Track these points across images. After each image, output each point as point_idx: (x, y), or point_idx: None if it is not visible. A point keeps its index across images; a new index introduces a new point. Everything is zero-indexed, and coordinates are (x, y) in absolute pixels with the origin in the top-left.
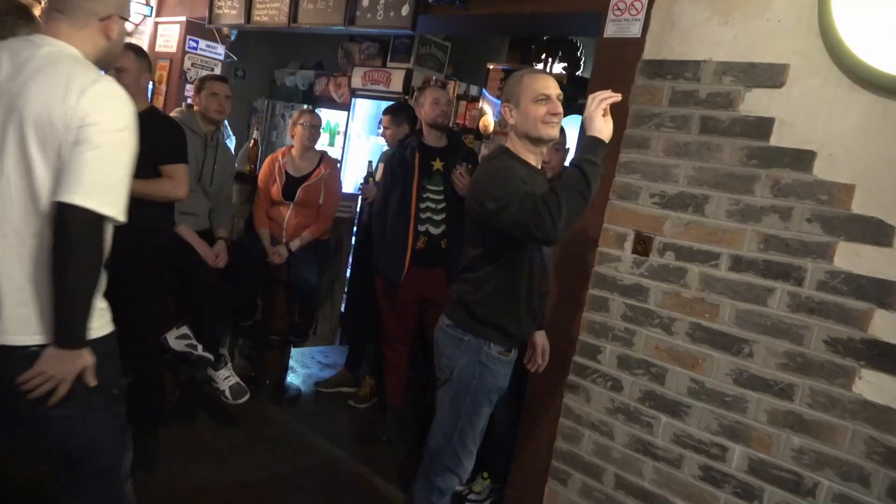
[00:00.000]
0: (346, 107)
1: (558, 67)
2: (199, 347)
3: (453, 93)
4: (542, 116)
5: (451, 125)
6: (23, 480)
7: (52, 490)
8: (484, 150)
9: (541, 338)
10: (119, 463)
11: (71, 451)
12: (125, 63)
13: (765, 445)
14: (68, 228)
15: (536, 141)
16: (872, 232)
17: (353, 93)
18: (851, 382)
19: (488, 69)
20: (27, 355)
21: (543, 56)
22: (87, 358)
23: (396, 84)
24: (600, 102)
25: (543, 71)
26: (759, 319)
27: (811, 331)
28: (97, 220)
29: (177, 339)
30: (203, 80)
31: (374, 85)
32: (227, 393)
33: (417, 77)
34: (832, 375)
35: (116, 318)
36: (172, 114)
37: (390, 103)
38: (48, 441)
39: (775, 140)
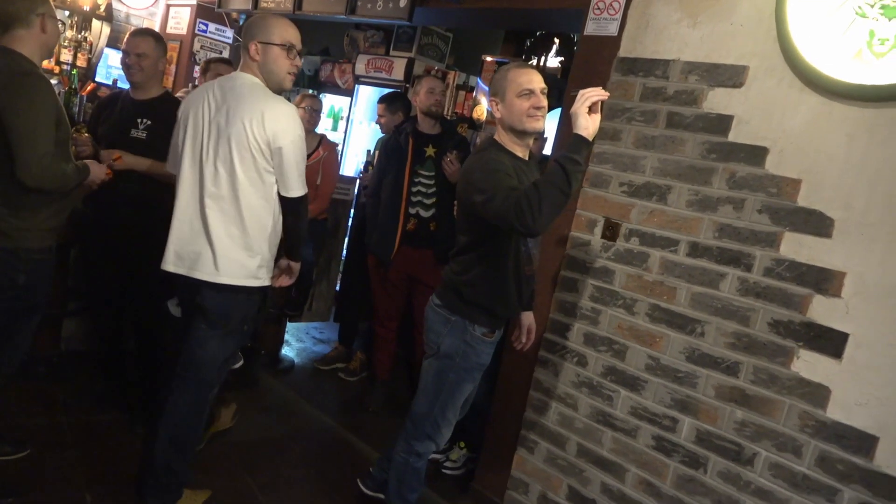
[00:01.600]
0: (349, 93)
1: (555, 61)
2: None
3: (453, 83)
4: (527, 110)
5: (449, 114)
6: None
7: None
8: (478, 140)
9: (527, 318)
10: (216, 381)
11: (195, 358)
12: (145, 48)
13: (711, 418)
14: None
15: (521, 134)
16: (814, 223)
17: (357, 80)
18: (790, 361)
19: (483, 61)
20: (225, 288)
21: (531, 48)
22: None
23: (398, 72)
24: (587, 100)
25: (528, 65)
26: (712, 302)
27: (757, 313)
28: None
29: (176, 306)
30: (209, 62)
31: (376, 72)
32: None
33: (419, 66)
34: (773, 355)
35: (132, 289)
36: (178, 94)
37: (390, 91)
38: (187, 347)
39: (733, 136)
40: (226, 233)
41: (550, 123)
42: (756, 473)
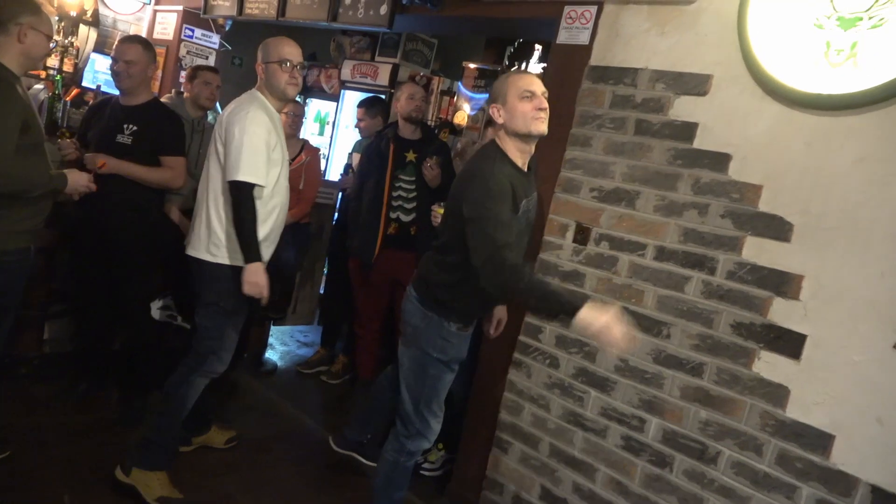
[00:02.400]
0: (335, 98)
1: (537, 67)
2: (179, 318)
3: (437, 88)
4: (530, 112)
5: (433, 119)
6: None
7: None
8: (459, 145)
9: (500, 311)
10: (209, 354)
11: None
12: (134, 55)
13: (677, 418)
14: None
15: (526, 137)
16: (775, 228)
17: (343, 85)
18: (751, 362)
19: (464, 67)
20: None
21: (513, 55)
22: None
23: (383, 78)
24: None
25: (528, 71)
26: (677, 304)
27: (720, 315)
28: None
29: (158, 309)
30: (196, 69)
31: (362, 78)
32: None
33: (404, 72)
34: (736, 356)
35: (116, 290)
36: (163, 99)
37: (369, 95)
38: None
39: (698, 143)
40: (201, 214)
41: None
42: (719, 472)
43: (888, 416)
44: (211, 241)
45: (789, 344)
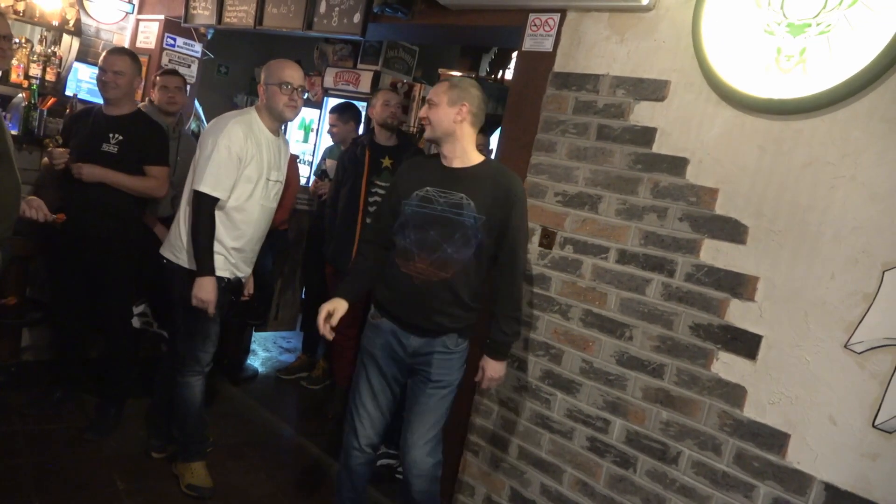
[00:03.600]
0: (319, 105)
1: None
2: (155, 325)
3: (419, 95)
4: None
5: (415, 126)
6: None
7: None
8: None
9: (485, 362)
10: (185, 354)
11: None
12: (122, 66)
13: (639, 419)
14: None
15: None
16: (730, 230)
17: (326, 92)
18: (710, 363)
19: (440, 74)
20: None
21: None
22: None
23: (365, 85)
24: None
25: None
26: (638, 307)
27: (679, 317)
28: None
29: (135, 316)
30: (157, 75)
31: (344, 85)
32: None
33: (385, 79)
34: (695, 357)
35: (94, 299)
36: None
37: (341, 101)
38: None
39: (657, 147)
40: (177, 216)
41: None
42: (680, 472)
43: (840, 415)
44: (175, 244)
45: (745, 344)
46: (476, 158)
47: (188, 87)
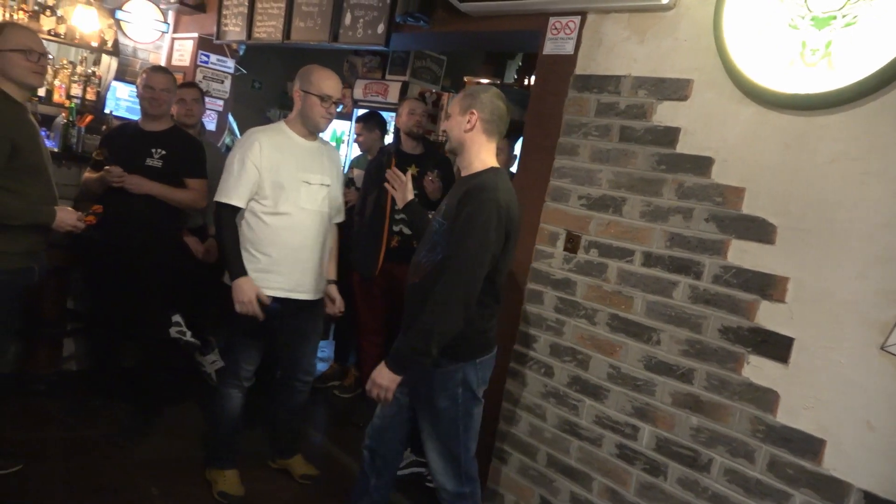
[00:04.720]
0: (349, 116)
1: None
2: (188, 334)
3: (447, 104)
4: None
5: (442, 135)
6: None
7: None
8: None
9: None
10: (225, 368)
11: None
12: (169, 85)
13: (668, 425)
14: None
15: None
16: (758, 230)
17: (356, 103)
18: (740, 367)
19: (466, 82)
20: None
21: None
22: None
23: (393, 95)
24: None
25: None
26: (665, 310)
27: (707, 320)
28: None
29: (178, 331)
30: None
31: (373, 96)
32: (214, 376)
33: (413, 89)
34: (724, 360)
35: (132, 309)
36: None
37: (366, 111)
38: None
39: (680, 147)
40: None
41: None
42: (712, 479)
43: (877, 420)
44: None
45: (776, 347)
46: (479, 167)
47: (221, 102)
